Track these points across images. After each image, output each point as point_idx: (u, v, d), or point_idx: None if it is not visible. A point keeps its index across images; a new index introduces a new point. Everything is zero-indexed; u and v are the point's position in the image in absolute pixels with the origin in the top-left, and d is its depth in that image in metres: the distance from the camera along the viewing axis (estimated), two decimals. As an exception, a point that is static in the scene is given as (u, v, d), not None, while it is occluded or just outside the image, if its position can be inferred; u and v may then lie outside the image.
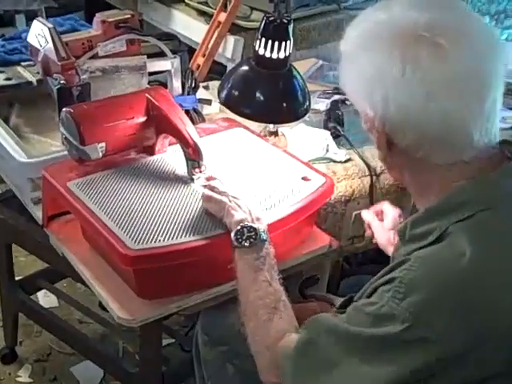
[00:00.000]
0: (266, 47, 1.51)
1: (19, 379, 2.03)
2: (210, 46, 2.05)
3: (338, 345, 0.95)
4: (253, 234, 1.18)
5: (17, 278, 1.98)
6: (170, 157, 1.50)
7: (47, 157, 1.56)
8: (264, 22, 1.51)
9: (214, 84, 2.03)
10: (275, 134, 1.70)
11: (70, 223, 1.47)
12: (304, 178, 1.43)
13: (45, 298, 2.27)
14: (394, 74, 0.91)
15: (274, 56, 1.52)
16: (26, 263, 2.26)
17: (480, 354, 0.88)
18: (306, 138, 1.70)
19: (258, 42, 1.52)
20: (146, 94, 1.44)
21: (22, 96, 1.83)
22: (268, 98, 1.52)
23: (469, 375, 0.90)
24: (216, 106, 1.85)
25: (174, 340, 2.00)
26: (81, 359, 2.03)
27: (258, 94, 1.52)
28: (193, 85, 1.77)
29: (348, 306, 1.01)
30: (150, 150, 1.49)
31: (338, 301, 1.43)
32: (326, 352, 0.96)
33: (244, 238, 1.18)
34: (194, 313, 1.36)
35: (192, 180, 1.40)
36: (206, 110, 1.85)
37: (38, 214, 1.54)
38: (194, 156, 1.38)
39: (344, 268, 2.12)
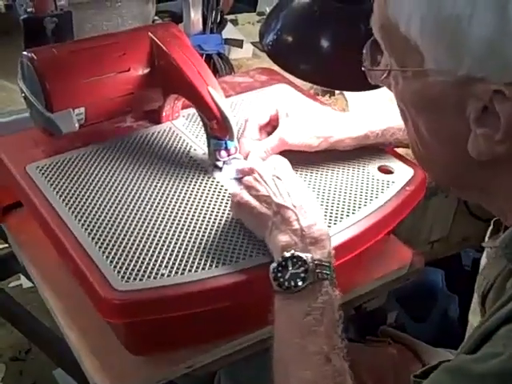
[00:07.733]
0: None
1: (-10, 383, 1.65)
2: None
3: None
4: (301, 269, 0.72)
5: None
6: (183, 126, 1.03)
7: (10, 118, 1.12)
8: None
9: (244, 18, 1.55)
10: (331, 92, 1.22)
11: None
12: (382, 170, 0.96)
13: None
14: None
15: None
16: None
17: None
18: (374, 98, 1.20)
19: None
20: (150, 34, 0.96)
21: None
22: (340, 47, 0.97)
23: None
24: (248, 48, 1.38)
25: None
26: (66, 360, 1.63)
27: (323, 42, 0.98)
28: (218, 19, 1.27)
29: None
30: (155, 117, 1.03)
31: (421, 347, 1.02)
32: None
33: (286, 276, 0.73)
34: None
35: (217, 167, 0.93)
36: (234, 53, 1.37)
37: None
38: (219, 133, 0.91)
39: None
